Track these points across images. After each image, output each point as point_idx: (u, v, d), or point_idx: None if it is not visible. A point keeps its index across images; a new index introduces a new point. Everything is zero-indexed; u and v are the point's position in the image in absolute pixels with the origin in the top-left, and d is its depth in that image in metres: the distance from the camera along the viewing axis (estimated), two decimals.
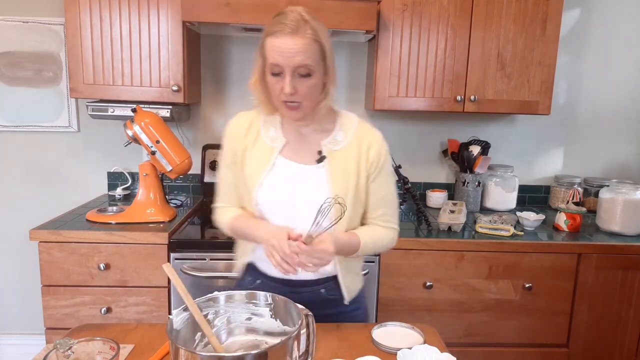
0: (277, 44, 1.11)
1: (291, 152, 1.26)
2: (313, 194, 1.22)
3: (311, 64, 1.12)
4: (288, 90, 1.12)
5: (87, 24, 2.01)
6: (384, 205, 1.31)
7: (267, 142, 1.27)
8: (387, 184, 1.31)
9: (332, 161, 1.24)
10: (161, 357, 1.08)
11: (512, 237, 1.98)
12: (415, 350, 1.06)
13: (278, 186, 1.23)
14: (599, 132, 2.59)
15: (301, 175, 1.24)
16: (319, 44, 1.13)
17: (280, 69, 1.13)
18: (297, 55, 1.11)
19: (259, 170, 1.25)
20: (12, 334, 2.58)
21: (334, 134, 1.27)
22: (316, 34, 1.13)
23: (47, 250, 1.84)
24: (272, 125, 1.29)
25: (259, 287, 1.31)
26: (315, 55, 1.13)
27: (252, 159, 1.27)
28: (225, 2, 1.89)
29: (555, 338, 2.04)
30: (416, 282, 1.95)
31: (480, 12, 2.09)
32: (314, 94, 1.18)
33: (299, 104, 1.16)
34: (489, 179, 2.46)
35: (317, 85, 1.17)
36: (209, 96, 2.45)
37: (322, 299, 1.28)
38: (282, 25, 1.12)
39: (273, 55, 1.12)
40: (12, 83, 2.36)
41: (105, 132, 2.44)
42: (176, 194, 2.52)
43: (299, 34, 1.11)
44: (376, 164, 1.27)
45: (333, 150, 1.25)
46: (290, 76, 1.12)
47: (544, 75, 2.15)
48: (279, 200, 1.23)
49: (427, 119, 2.53)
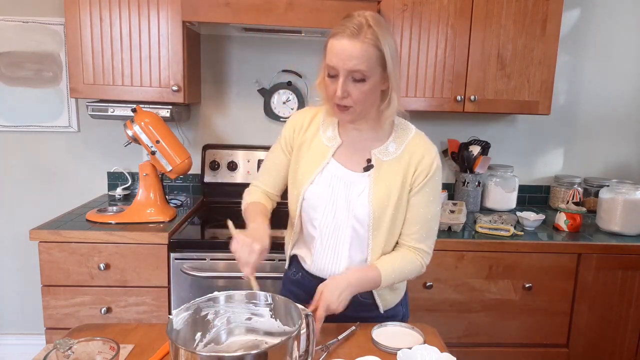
0: (335, 45, 1.11)
1: (343, 156, 1.26)
2: (353, 201, 1.23)
3: (365, 70, 1.11)
4: (339, 93, 1.12)
5: (87, 24, 2.01)
6: (419, 223, 1.25)
7: (324, 141, 1.28)
8: (430, 203, 1.25)
9: (378, 171, 1.23)
10: (161, 357, 1.08)
11: (512, 237, 1.98)
12: (415, 350, 1.06)
13: (324, 187, 1.25)
14: (599, 132, 2.59)
15: (347, 181, 1.24)
16: (377, 50, 1.12)
17: (335, 71, 1.12)
18: (352, 59, 1.10)
19: (313, 167, 1.26)
20: (12, 334, 2.57)
21: (387, 143, 1.25)
22: (376, 39, 1.11)
23: (47, 250, 1.84)
24: (330, 125, 1.30)
25: (300, 279, 1.36)
26: (371, 61, 1.12)
27: (307, 155, 1.29)
28: (225, 2, 1.89)
29: (555, 338, 2.04)
30: (416, 282, 1.95)
31: (480, 12, 2.09)
32: (367, 99, 1.16)
33: (350, 108, 1.16)
34: (489, 179, 2.46)
35: (371, 91, 1.16)
36: (209, 96, 2.45)
37: (358, 302, 1.26)
38: (344, 27, 1.11)
39: (330, 57, 1.12)
40: (12, 83, 2.36)
41: (105, 132, 2.44)
42: (176, 194, 2.52)
43: (359, 38, 1.10)
44: (422, 177, 1.23)
45: (382, 161, 1.24)
46: (343, 79, 1.12)
47: (544, 75, 2.15)
48: (323, 200, 1.25)
49: (427, 119, 2.53)
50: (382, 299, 1.31)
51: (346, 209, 1.23)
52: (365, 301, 1.29)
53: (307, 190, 1.26)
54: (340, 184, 1.24)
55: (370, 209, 1.21)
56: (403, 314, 1.41)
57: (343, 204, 1.24)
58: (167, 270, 1.86)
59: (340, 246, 1.26)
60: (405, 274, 1.26)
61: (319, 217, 1.26)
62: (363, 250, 1.26)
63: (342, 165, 1.25)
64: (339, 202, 1.24)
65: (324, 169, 1.26)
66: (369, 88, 1.14)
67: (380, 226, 1.23)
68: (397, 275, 1.24)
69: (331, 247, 1.27)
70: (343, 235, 1.25)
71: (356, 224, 1.24)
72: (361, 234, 1.24)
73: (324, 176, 1.25)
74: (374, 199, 1.21)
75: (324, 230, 1.26)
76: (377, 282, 1.21)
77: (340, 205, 1.24)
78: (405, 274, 1.26)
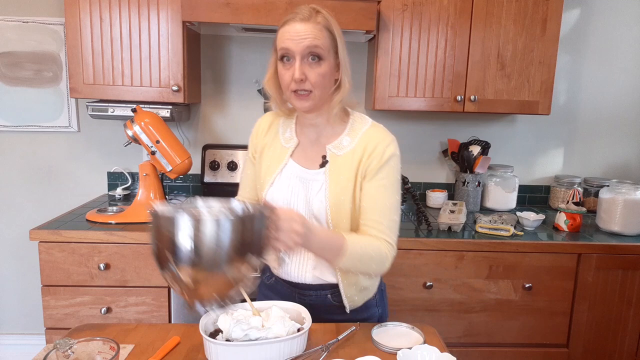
0: (288, 29, 1.12)
1: (301, 155, 1.26)
2: (312, 199, 1.22)
3: (321, 46, 1.12)
4: (297, 74, 1.11)
5: (87, 24, 2.01)
6: (377, 212, 1.18)
7: (282, 143, 1.28)
8: (386, 189, 1.19)
9: (333, 167, 1.22)
10: (161, 357, 1.08)
11: (512, 237, 1.98)
12: (415, 350, 1.06)
13: (284, 188, 1.24)
14: (599, 132, 2.59)
15: (305, 179, 1.23)
16: (329, 32, 1.14)
17: (291, 53, 1.12)
18: (306, 37, 1.11)
19: (271, 170, 1.26)
20: (12, 334, 2.58)
21: (341, 137, 1.24)
22: (327, 22, 1.14)
23: (47, 250, 1.84)
24: (288, 126, 1.30)
25: (273, 284, 1.35)
26: (325, 41, 1.13)
27: (267, 159, 1.29)
28: (225, 2, 1.89)
29: (555, 338, 2.04)
30: (416, 282, 1.95)
31: (480, 12, 2.09)
32: (325, 83, 1.16)
33: (309, 93, 1.15)
34: (489, 179, 2.46)
35: (327, 74, 1.15)
36: (209, 96, 2.45)
37: (328, 304, 1.26)
38: (294, 14, 1.13)
39: (283, 41, 1.13)
40: (12, 83, 2.36)
41: (105, 132, 2.44)
42: (176, 194, 2.52)
43: (310, 20, 1.12)
44: (375, 163, 1.18)
45: (337, 155, 1.22)
46: (299, 61, 1.12)
47: (544, 75, 2.15)
48: (282, 202, 1.24)
49: (427, 119, 2.53)
50: (350, 300, 1.27)
51: (306, 208, 1.22)
52: (336, 303, 1.27)
53: (267, 193, 1.26)
54: (299, 184, 1.23)
55: (327, 204, 1.19)
56: (380, 315, 1.36)
57: (303, 204, 1.22)
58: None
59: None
60: (370, 255, 1.15)
61: None
62: None
63: (299, 164, 1.25)
64: (299, 202, 1.23)
65: (282, 170, 1.25)
66: (325, 70, 1.14)
67: (340, 222, 1.20)
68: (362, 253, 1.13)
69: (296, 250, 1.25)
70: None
71: (317, 222, 1.22)
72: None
73: (283, 177, 1.25)
74: (330, 194, 1.20)
75: None
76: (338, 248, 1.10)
77: (300, 206, 1.23)
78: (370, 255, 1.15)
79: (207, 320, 1.10)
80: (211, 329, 1.09)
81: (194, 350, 1.11)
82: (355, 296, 1.29)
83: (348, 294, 1.27)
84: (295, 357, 1.05)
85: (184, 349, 1.11)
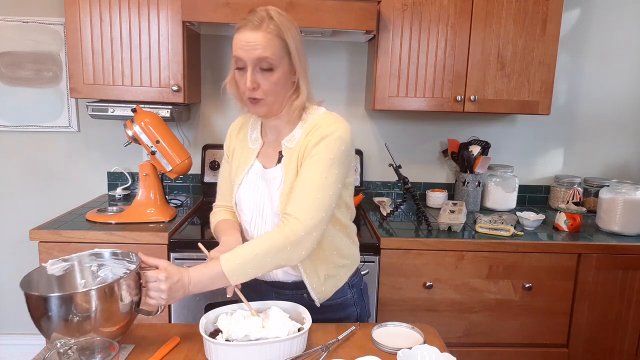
0: (240, 38, 1.13)
1: (264, 155, 1.28)
2: (273, 195, 1.23)
3: (271, 57, 1.12)
4: (249, 84, 1.13)
5: (87, 24, 2.01)
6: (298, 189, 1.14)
7: (250, 144, 1.31)
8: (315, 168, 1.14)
9: (287, 160, 1.22)
10: (161, 357, 1.08)
11: (512, 237, 1.98)
12: (415, 350, 1.06)
13: (251, 188, 1.27)
14: (599, 132, 2.59)
15: (267, 178, 1.25)
16: (281, 40, 1.13)
17: (243, 62, 1.13)
18: (256, 48, 1.11)
19: (239, 171, 1.29)
20: (12, 334, 2.58)
21: (294, 131, 1.23)
22: (279, 30, 1.13)
23: (47, 250, 1.84)
24: (255, 128, 1.32)
25: (252, 284, 1.27)
26: (276, 50, 1.13)
27: (236, 160, 1.32)
28: (225, 2, 1.89)
29: (555, 338, 2.04)
30: (416, 282, 1.95)
31: (480, 12, 2.09)
32: (278, 90, 1.16)
33: (262, 100, 1.16)
34: (489, 179, 2.46)
35: (280, 81, 1.16)
36: (209, 96, 2.45)
37: (306, 304, 1.23)
38: (246, 21, 1.13)
39: (236, 49, 1.14)
40: (12, 83, 2.36)
41: (105, 132, 2.44)
42: (176, 194, 2.52)
43: (261, 29, 1.12)
44: (312, 144, 1.15)
45: (289, 148, 1.23)
46: (251, 70, 1.13)
47: (544, 75, 2.15)
48: (249, 202, 1.27)
49: (427, 119, 2.53)
50: (316, 291, 1.25)
51: (270, 207, 1.24)
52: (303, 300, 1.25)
53: (236, 195, 1.29)
54: (263, 183, 1.25)
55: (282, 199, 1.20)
56: (358, 315, 1.35)
57: (267, 202, 1.24)
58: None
59: None
60: (265, 253, 1.10)
61: (248, 219, 1.28)
62: None
63: (262, 164, 1.27)
64: (264, 201, 1.24)
65: (249, 171, 1.27)
66: (278, 78, 1.15)
67: None
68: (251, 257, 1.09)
69: None
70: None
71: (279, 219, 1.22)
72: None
73: (250, 178, 1.27)
74: (284, 187, 1.20)
75: (255, 231, 1.27)
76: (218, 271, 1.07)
77: (265, 204, 1.24)
78: (265, 253, 1.10)
79: (207, 320, 1.10)
80: (211, 329, 1.09)
81: (194, 350, 1.11)
82: (321, 286, 1.25)
83: (313, 284, 1.24)
84: (295, 357, 1.05)
85: (184, 349, 1.11)
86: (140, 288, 1.08)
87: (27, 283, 1.04)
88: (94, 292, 0.98)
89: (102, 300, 0.99)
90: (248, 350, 1.01)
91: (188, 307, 1.86)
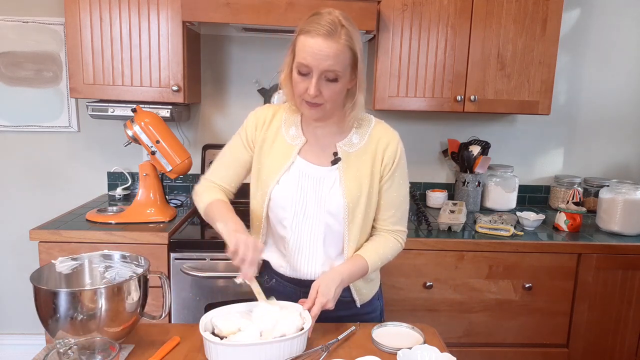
0: (310, 43, 1.10)
1: (309, 153, 1.26)
2: (325, 195, 1.23)
3: (340, 71, 1.12)
4: (313, 92, 1.12)
5: (87, 24, 2.01)
6: (394, 207, 1.29)
7: (288, 140, 1.27)
8: (400, 186, 1.29)
9: (346, 163, 1.24)
10: (161, 357, 1.08)
11: (512, 237, 1.98)
12: (415, 350, 1.06)
13: (292, 185, 1.24)
14: (599, 132, 2.59)
15: (316, 177, 1.24)
16: (351, 51, 1.12)
17: (309, 69, 1.11)
18: (327, 59, 1.09)
19: (278, 168, 1.25)
20: (12, 334, 2.57)
21: (350, 135, 1.26)
22: (350, 40, 1.12)
23: (47, 250, 1.84)
24: (292, 124, 1.29)
25: (274, 286, 1.33)
26: (345, 62, 1.12)
27: (270, 155, 1.27)
28: (225, 2, 1.89)
29: (555, 338, 2.04)
30: (416, 282, 1.95)
31: (480, 12, 2.09)
32: (337, 99, 1.18)
33: (321, 105, 1.16)
34: (489, 179, 2.46)
35: (342, 90, 1.17)
36: (209, 96, 2.45)
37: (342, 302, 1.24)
38: (317, 25, 1.09)
39: (303, 55, 1.11)
40: (12, 83, 2.36)
41: (105, 132, 2.44)
42: (176, 194, 2.52)
43: (334, 38, 1.09)
44: (391, 165, 1.26)
45: (348, 152, 1.25)
46: (317, 78, 1.11)
47: (544, 75, 2.15)
48: (292, 199, 1.24)
49: (427, 119, 2.53)
50: (359, 293, 1.31)
51: (317, 205, 1.23)
52: (343, 299, 1.26)
53: (273, 191, 1.25)
54: (309, 181, 1.24)
55: (344, 201, 1.22)
56: (381, 308, 1.42)
57: (313, 201, 1.23)
58: (167, 270, 1.86)
59: (314, 244, 1.25)
60: (388, 257, 1.30)
61: (288, 217, 1.25)
62: (338, 245, 1.26)
63: (308, 162, 1.25)
64: (308, 199, 1.23)
65: (290, 168, 1.25)
66: (340, 88, 1.16)
67: (354, 218, 1.23)
68: (382, 259, 1.28)
69: (305, 246, 1.26)
70: (316, 232, 1.25)
71: (330, 219, 1.23)
72: (335, 229, 1.24)
73: (291, 175, 1.25)
74: (346, 191, 1.22)
75: (295, 229, 1.25)
76: (365, 271, 1.24)
77: (310, 203, 1.23)
78: (388, 257, 1.30)
79: (207, 320, 1.10)
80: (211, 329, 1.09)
81: (194, 350, 1.11)
82: (363, 289, 1.32)
83: (357, 286, 1.30)
84: (295, 357, 1.05)
85: (184, 349, 1.11)
86: (147, 291, 1.11)
87: (37, 277, 1.05)
88: (103, 290, 1.01)
89: (110, 300, 1.01)
90: (248, 350, 1.01)
91: (188, 307, 1.86)
